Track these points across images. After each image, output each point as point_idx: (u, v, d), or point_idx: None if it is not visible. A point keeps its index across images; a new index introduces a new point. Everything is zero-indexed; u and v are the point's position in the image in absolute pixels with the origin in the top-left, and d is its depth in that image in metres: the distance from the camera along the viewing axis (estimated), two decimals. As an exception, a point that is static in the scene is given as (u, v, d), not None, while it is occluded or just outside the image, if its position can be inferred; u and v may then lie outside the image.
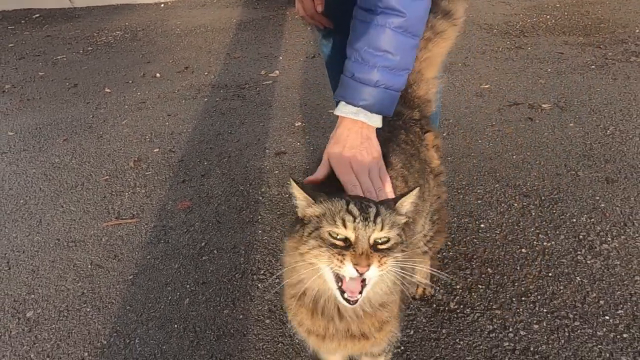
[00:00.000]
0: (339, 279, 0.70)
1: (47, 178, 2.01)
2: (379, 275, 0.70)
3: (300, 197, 0.76)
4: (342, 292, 0.70)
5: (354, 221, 0.70)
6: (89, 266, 1.52)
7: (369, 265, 0.67)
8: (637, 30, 2.93)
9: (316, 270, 0.71)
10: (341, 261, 0.68)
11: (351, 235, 0.70)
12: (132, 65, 3.15)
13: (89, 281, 1.47)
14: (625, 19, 3.13)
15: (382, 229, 0.71)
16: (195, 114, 2.45)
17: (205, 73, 2.94)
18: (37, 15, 4.44)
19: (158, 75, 2.97)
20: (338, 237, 0.70)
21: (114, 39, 3.67)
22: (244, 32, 3.57)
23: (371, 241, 0.70)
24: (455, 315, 1.23)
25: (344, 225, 0.70)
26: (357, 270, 0.67)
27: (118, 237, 1.64)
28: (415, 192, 0.77)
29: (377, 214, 0.71)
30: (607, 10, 3.34)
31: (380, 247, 0.71)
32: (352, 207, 0.72)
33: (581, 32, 3.02)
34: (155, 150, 2.15)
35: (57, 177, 2.01)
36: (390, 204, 0.76)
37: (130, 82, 2.91)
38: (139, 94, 2.74)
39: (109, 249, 1.59)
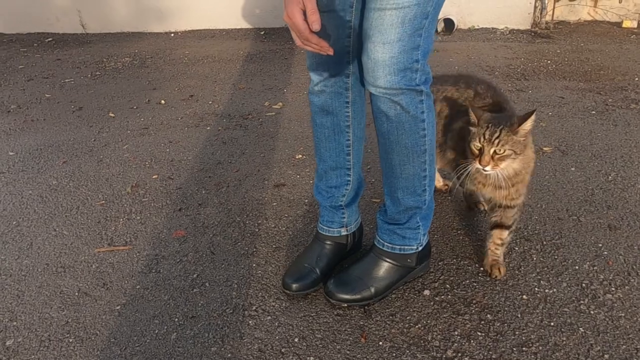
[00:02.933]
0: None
1: (43, 200, 1.99)
2: (498, 169, 1.27)
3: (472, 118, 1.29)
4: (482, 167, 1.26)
5: (483, 141, 1.25)
6: (76, 294, 1.48)
7: (488, 164, 1.24)
8: (637, 79, 2.99)
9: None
10: (476, 161, 1.27)
11: (481, 148, 1.26)
12: (138, 92, 3.20)
13: (74, 309, 1.41)
14: (624, 67, 3.20)
15: (498, 146, 1.23)
16: (196, 142, 2.46)
17: (210, 102, 2.97)
18: (50, 39, 4.56)
19: (163, 102, 3.00)
20: (477, 147, 1.27)
21: (122, 65, 3.75)
22: (250, 64, 3.64)
23: (491, 152, 1.24)
24: (453, 364, 1.17)
25: (479, 142, 1.26)
26: (481, 166, 1.26)
27: (109, 264, 1.60)
28: (532, 116, 1.21)
29: (497, 137, 1.22)
30: (607, 57, 3.42)
31: (496, 156, 1.24)
32: (485, 131, 1.24)
33: (581, 77, 3.07)
34: (154, 177, 2.13)
35: (52, 200, 1.99)
36: (513, 128, 1.23)
37: (135, 107, 2.94)
38: (142, 119, 2.76)
39: (98, 276, 1.55)
